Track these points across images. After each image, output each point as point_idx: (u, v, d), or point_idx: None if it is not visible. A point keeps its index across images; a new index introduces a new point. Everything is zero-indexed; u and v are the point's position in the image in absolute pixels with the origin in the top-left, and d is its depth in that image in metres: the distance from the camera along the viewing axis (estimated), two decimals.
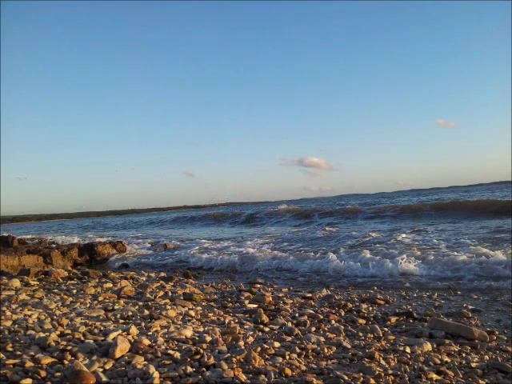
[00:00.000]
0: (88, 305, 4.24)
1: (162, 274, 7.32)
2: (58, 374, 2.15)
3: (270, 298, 4.73)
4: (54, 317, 3.53)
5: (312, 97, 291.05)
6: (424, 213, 18.16)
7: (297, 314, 3.97)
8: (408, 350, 2.85)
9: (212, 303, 4.61)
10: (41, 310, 3.84)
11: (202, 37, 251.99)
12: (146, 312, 3.81)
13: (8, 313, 3.58)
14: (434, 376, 2.34)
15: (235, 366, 2.33)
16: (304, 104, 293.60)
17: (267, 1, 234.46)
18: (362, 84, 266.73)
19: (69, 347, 2.55)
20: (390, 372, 2.37)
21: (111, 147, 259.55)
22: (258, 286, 6.00)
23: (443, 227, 12.46)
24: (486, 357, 2.76)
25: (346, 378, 2.23)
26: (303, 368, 2.39)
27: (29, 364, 2.26)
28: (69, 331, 2.99)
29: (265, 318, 3.72)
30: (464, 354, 2.81)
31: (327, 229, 14.72)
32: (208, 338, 2.90)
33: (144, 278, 6.70)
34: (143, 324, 3.33)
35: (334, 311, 4.20)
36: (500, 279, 5.58)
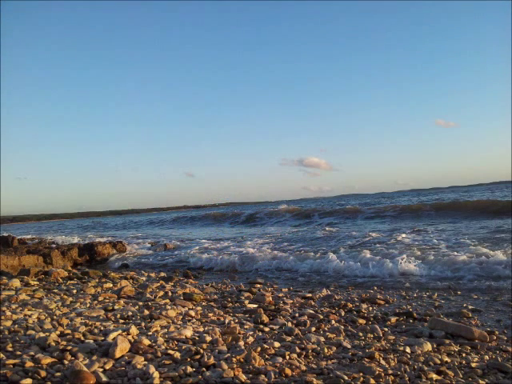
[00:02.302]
0: (88, 305, 4.24)
1: (162, 274, 7.33)
2: (58, 373, 2.15)
3: (270, 298, 4.73)
4: (54, 317, 3.53)
5: (312, 97, 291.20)
6: (424, 213, 18.17)
7: (297, 314, 3.97)
8: (408, 350, 2.85)
9: (212, 303, 4.61)
10: (41, 310, 3.84)
11: (202, 37, 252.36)
12: (146, 312, 3.81)
13: (8, 313, 3.58)
14: (434, 376, 2.34)
15: (235, 365, 2.33)
16: (304, 104, 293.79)
17: (267, 1, 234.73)
18: (362, 84, 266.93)
19: (69, 347, 2.55)
20: (390, 372, 2.37)
21: (111, 147, 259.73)
22: (258, 285, 6.00)
23: (443, 227, 12.46)
24: (486, 357, 2.76)
25: (346, 377, 2.23)
26: (303, 368, 2.39)
27: (29, 364, 2.26)
28: (69, 331, 2.99)
29: (265, 318, 3.71)
30: (464, 354, 2.81)
31: (327, 229, 14.72)
32: (208, 338, 2.90)
33: (144, 278, 6.70)
34: (143, 324, 3.33)
35: (334, 311, 4.20)
36: (500, 279, 5.58)
